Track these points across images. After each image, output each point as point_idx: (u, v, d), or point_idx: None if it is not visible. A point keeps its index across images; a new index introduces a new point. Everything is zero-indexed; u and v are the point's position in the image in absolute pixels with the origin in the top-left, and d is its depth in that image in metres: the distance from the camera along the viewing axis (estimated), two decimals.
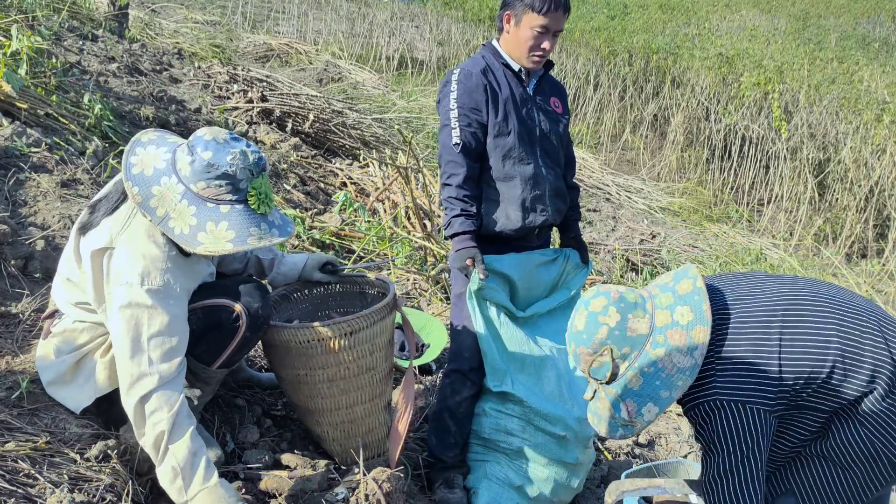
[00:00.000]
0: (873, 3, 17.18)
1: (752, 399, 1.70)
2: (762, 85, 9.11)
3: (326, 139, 6.14)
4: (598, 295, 1.84)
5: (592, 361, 1.81)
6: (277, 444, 2.37)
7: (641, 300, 1.84)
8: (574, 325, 1.85)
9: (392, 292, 2.32)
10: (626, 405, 1.81)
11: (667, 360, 1.76)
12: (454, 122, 2.45)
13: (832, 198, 8.45)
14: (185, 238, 1.83)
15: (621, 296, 1.83)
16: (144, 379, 1.79)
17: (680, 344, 1.75)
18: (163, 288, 1.83)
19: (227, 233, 1.84)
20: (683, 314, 1.78)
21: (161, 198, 1.83)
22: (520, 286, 2.62)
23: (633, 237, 6.72)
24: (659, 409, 1.79)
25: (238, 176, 1.84)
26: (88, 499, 1.75)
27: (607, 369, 1.80)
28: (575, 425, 2.58)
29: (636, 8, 13.97)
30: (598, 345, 1.79)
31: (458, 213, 2.43)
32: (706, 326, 1.75)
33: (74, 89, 4.13)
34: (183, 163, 1.85)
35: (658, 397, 1.78)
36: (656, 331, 1.79)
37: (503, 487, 2.57)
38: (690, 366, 1.74)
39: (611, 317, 1.79)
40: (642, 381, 1.79)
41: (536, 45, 2.45)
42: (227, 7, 11.71)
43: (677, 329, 1.77)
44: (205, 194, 1.84)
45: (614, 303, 1.80)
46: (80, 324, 2.00)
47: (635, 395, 1.81)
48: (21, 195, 2.98)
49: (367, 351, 2.22)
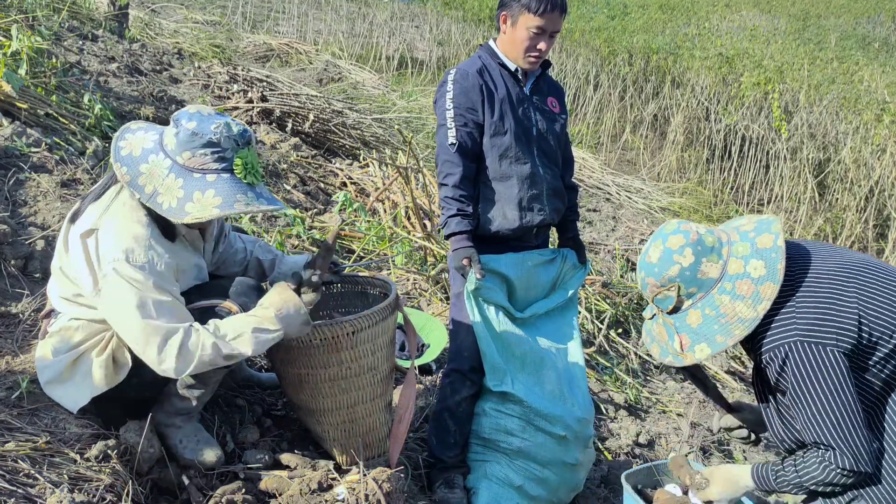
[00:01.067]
0: (873, 3, 17.18)
1: (832, 342, 1.70)
2: (762, 85, 9.11)
3: (326, 139, 6.14)
4: (677, 231, 1.86)
5: (658, 293, 1.88)
6: (277, 444, 2.37)
7: (719, 244, 1.85)
8: (648, 255, 1.89)
9: (394, 292, 2.32)
10: (680, 337, 1.87)
11: (729, 307, 1.80)
12: (450, 122, 2.45)
13: (832, 198, 8.45)
14: (174, 211, 1.85)
15: (700, 238, 1.84)
16: (170, 334, 1.81)
17: (746, 295, 1.78)
18: (147, 264, 1.85)
19: (214, 199, 1.85)
20: (757, 268, 1.80)
21: (149, 175, 1.86)
22: (518, 286, 2.62)
23: (633, 237, 6.72)
24: (711, 352, 1.82)
25: (223, 144, 1.86)
26: (88, 499, 1.75)
27: (671, 302, 1.86)
28: (575, 425, 2.58)
29: (636, 8, 13.97)
30: (667, 280, 1.85)
31: (454, 213, 2.43)
32: (776, 284, 1.76)
33: (74, 89, 4.13)
34: (169, 137, 1.88)
35: (713, 340, 1.82)
36: (727, 277, 1.82)
37: (503, 487, 2.57)
38: (751, 318, 1.76)
39: (685, 257, 1.82)
40: (702, 322, 1.83)
41: (532, 45, 2.44)
42: (227, 7, 11.71)
43: (747, 281, 1.79)
44: (191, 164, 1.86)
45: (691, 244, 1.83)
46: (76, 321, 2.00)
47: (692, 331, 1.85)
48: (21, 195, 2.98)
49: (368, 351, 2.22)
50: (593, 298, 4.59)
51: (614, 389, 3.92)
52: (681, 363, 1.88)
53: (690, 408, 4.00)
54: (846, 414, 1.69)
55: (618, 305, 4.73)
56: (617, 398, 3.83)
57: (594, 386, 3.87)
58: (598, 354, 4.17)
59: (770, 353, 1.77)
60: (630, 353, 4.38)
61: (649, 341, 1.99)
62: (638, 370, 4.27)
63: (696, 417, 3.93)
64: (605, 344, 4.34)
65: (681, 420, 3.87)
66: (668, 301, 1.87)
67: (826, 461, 1.72)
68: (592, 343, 4.25)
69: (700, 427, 3.85)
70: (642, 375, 4.29)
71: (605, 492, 3.00)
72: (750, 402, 2.33)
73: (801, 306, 1.76)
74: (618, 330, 4.53)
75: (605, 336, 4.34)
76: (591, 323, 4.39)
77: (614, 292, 4.87)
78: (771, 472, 1.86)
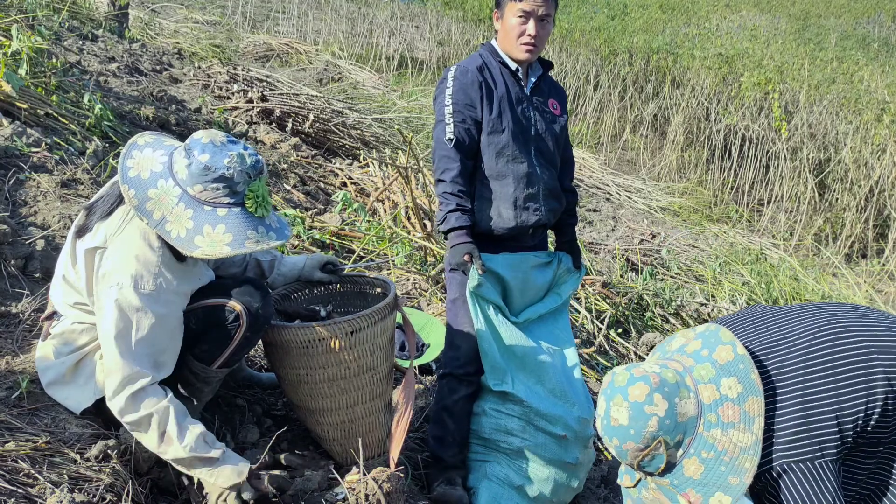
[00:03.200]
0: (873, 3, 17.17)
1: (817, 454, 1.61)
2: (762, 85, 9.11)
3: (326, 139, 6.14)
4: (633, 381, 1.65)
5: (643, 456, 1.66)
6: (277, 444, 2.37)
7: (680, 377, 1.68)
8: (613, 418, 1.66)
9: (393, 292, 2.32)
10: (685, 496, 1.67)
11: (725, 440, 1.62)
12: (448, 118, 2.45)
13: (832, 198, 8.46)
14: (183, 241, 1.82)
15: (662, 379, 1.65)
16: (136, 378, 1.81)
17: (735, 420, 1.62)
18: (154, 292, 1.83)
19: (225, 236, 1.83)
20: (731, 387, 1.64)
21: (158, 201, 1.83)
22: (513, 287, 2.61)
23: (633, 237, 6.72)
24: (732, 499, 1.61)
25: (235, 179, 1.83)
26: (88, 499, 1.75)
27: (660, 461, 1.65)
28: (575, 425, 2.58)
29: (636, 8, 13.96)
30: (649, 439, 1.63)
31: (453, 208, 2.42)
32: (759, 397, 1.62)
33: (74, 89, 4.13)
34: (180, 166, 1.84)
35: (727, 485, 1.62)
36: (705, 409, 1.65)
37: (503, 487, 2.57)
38: (752, 443, 1.61)
39: (658, 405, 1.62)
40: (703, 469, 1.64)
41: (522, 31, 2.45)
42: (227, 7, 11.71)
43: (728, 404, 1.63)
44: (202, 197, 1.84)
45: (657, 388, 1.63)
46: (79, 325, 2.00)
47: (697, 484, 1.65)
48: (21, 195, 2.98)
49: (367, 351, 2.22)
50: (593, 298, 4.59)
51: None
52: None
53: None
54: None
55: (618, 305, 4.74)
56: None
57: (594, 386, 3.87)
58: (598, 354, 4.17)
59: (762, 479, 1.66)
60: (630, 353, 4.38)
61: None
62: None
63: None
64: (605, 344, 4.34)
65: None
66: (656, 461, 1.65)
67: None
68: (592, 343, 4.25)
69: None
70: None
71: (605, 492, 3.00)
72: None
73: (778, 423, 1.64)
74: (618, 330, 4.53)
75: (605, 336, 4.33)
76: (591, 323, 4.39)
77: (614, 292, 4.87)
78: None
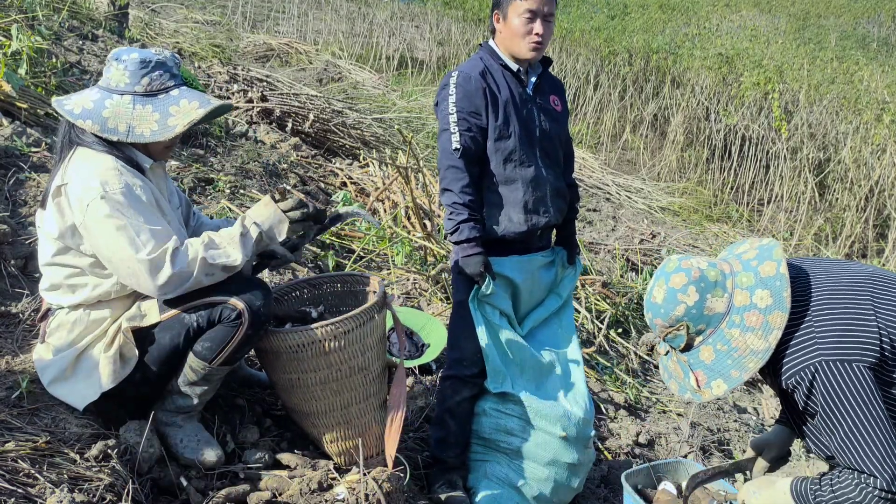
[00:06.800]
0: (873, 3, 17.17)
1: (856, 357, 1.69)
2: (762, 85, 9.10)
3: (326, 139, 6.14)
4: (678, 270, 1.85)
5: (668, 332, 1.87)
6: (277, 444, 2.37)
7: (722, 277, 1.85)
8: (652, 296, 1.88)
9: (381, 290, 2.31)
10: (696, 374, 1.86)
11: (740, 340, 1.79)
12: (453, 127, 2.43)
13: (832, 197, 8.46)
14: (158, 133, 1.96)
15: (702, 274, 1.83)
16: (159, 250, 1.87)
17: (756, 326, 1.78)
18: (125, 188, 1.91)
19: (191, 104, 1.99)
20: (763, 298, 1.79)
21: (115, 115, 1.95)
22: (522, 288, 2.62)
23: (633, 237, 6.72)
24: (728, 388, 1.81)
25: (168, 63, 2.01)
26: (88, 499, 1.75)
27: (682, 341, 1.86)
28: (575, 425, 2.58)
29: (636, 8, 13.96)
30: (674, 320, 1.84)
31: (466, 218, 2.41)
32: (784, 313, 1.76)
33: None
34: (116, 76, 1.97)
35: (728, 376, 1.81)
36: (734, 310, 1.82)
37: (503, 487, 2.57)
38: (763, 350, 1.76)
39: (689, 296, 1.81)
40: (714, 358, 1.83)
41: (529, 30, 2.44)
42: (227, 7, 11.71)
43: (754, 312, 1.79)
44: (151, 89, 1.98)
45: (694, 282, 1.82)
46: (73, 313, 2.01)
47: (707, 368, 1.84)
48: (21, 195, 2.98)
49: (357, 351, 2.21)
50: (593, 298, 4.59)
51: (614, 389, 3.92)
52: (700, 400, 1.88)
53: (690, 408, 4.00)
54: (879, 434, 1.67)
55: (618, 305, 4.73)
56: (617, 398, 3.83)
57: (594, 386, 3.87)
58: (598, 354, 4.17)
59: (796, 377, 1.75)
60: (630, 353, 4.38)
61: (667, 377, 1.98)
62: (638, 370, 4.28)
63: (696, 417, 3.93)
64: (605, 344, 4.34)
65: (681, 420, 3.87)
66: (678, 340, 1.87)
67: (862, 482, 1.69)
68: (592, 343, 4.25)
69: (700, 427, 3.85)
70: (642, 375, 4.29)
71: (605, 492, 3.01)
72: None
73: (819, 326, 1.75)
74: (618, 330, 4.53)
75: (605, 336, 4.33)
76: (591, 323, 4.39)
77: (614, 292, 4.86)
78: (809, 490, 1.82)
